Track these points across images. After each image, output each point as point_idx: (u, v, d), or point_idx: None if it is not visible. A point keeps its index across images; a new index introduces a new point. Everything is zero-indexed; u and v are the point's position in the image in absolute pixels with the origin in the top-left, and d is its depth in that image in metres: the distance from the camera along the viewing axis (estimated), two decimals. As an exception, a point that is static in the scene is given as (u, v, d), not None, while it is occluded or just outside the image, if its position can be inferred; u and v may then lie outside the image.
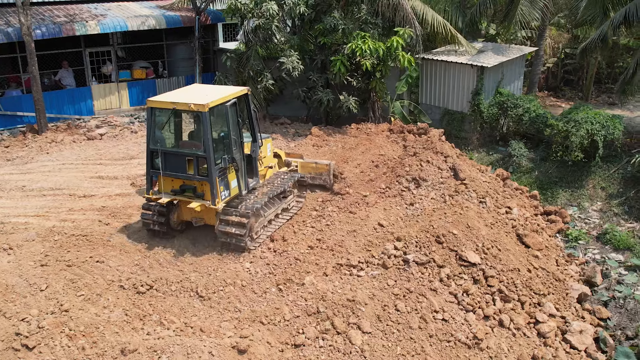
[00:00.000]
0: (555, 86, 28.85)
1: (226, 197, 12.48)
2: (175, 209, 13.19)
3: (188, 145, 12.56)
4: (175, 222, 13.31)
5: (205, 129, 11.61)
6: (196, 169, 12.07)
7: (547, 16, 23.35)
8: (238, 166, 12.63)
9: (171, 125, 12.70)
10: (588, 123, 17.72)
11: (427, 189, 15.30)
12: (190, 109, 11.73)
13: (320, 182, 15.96)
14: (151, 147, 12.34)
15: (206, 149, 11.72)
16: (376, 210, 14.28)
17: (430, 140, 18.08)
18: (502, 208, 15.52)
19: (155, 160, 12.41)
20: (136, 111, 24.88)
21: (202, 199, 12.24)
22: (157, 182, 12.59)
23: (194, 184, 12.29)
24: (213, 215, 12.63)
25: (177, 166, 12.25)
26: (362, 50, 19.04)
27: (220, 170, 12.14)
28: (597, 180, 18.19)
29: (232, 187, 12.65)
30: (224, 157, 12.16)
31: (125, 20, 23.42)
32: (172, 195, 12.57)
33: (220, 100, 12.12)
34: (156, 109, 12.25)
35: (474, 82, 21.03)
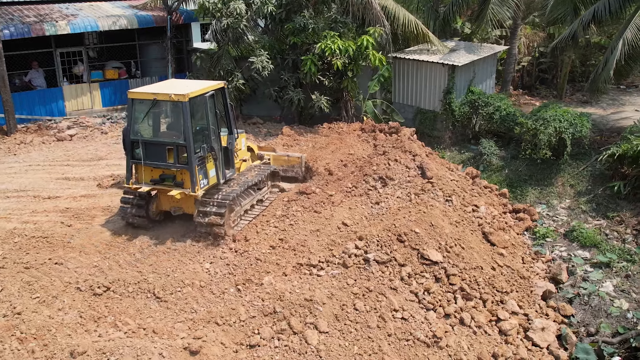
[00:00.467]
0: (530, 85, 28.98)
1: (205, 186, 12.88)
2: (154, 200, 13.54)
3: (168, 135, 12.96)
4: (154, 212, 13.65)
5: (185, 118, 12.06)
6: (176, 158, 12.44)
7: (518, 15, 23.42)
8: (216, 155, 13.02)
9: (151, 116, 12.96)
10: (556, 121, 17.79)
11: (393, 188, 15.26)
12: (171, 99, 12.14)
13: (293, 174, 16.55)
14: (132, 137, 12.67)
15: (186, 137, 12.13)
16: (341, 210, 14.22)
17: (400, 139, 18.05)
18: (469, 206, 15.51)
19: (135, 151, 12.73)
20: (109, 112, 24.68)
21: (181, 187, 12.66)
22: (137, 172, 12.94)
23: (174, 172, 12.70)
24: (192, 204, 13.02)
25: (157, 155, 12.61)
26: (332, 50, 18.99)
27: (200, 159, 12.53)
28: (566, 178, 18.26)
29: (211, 176, 13.07)
30: (203, 146, 12.56)
31: (97, 20, 23.23)
32: (151, 185, 12.91)
33: (200, 92, 12.58)
34: (137, 100, 12.62)
35: (445, 80, 21.06)
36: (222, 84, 13.66)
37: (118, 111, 24.85)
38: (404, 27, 21.63)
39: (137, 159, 12.76)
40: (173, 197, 12.66)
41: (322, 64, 20.81)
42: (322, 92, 20.97)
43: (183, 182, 12.65)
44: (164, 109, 13.23)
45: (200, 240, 12.95)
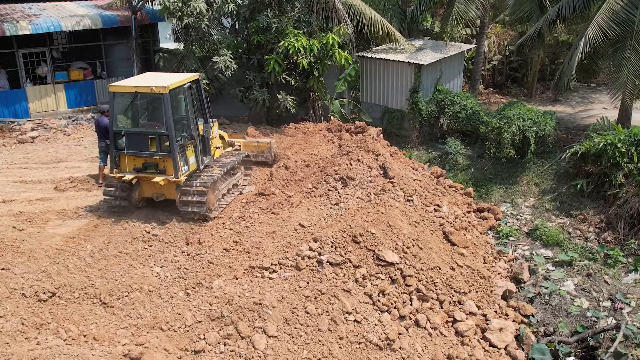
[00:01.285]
0: (501, 83, 28.96)
1: (186, 172, 13.76)
2: (136, 187, 14.25)
3: (150, 125, 13.66)
4: (137, 199, 14.35)
5: (166, 109, 12.87)
6: (159, 146, 13.23)
7: (485, 14, 23.36)
8: (196, 143, 13.93)
9: (132, 108, 13.58)
10: (520, 119, 17.72)
11: (354, 188, 15.10)
12: (152, 92, 12.90)
13: (262, 159, 17.60)
14: (114, 129, 13.45)
15: (168, 127, 12.97)
16: (299, 211, 14.03)
17: (365, 139, 17.89)
18: (430, 206, 15.39)
19: (118, 141, 13.46)
20: (74, 113, 24.25)
21: (164, 174, 13.48)
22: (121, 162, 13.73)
23: (156, 160, 13.48)
24: (173, 189, 13.86)
25: (140, 145, 13.37)
26: (296, 49, 18.79)
27: (181, 147, 13.36)
28: (530, 176, 18.20)
29: (191, 162, 13.95)
30: (183, 135, 13.42)
31: (60, 21, 22.83)
32: (134, 173, 13.65)
33: (178, 83, 13.40)
34: (118, 93, 13.47)
35: (411, 80, 20.95)
36: (197, 76, 14.46)
37: (84, 112, 24.44)
38: (369, 27, 21.46)
39: (120, 149, 13.48)
40: (155, 184, 13.54)
41: (288, 63, 20.61)
42: (288, 92, 20.77)
43: (165, 169, 13.45)
44: (145, 101, 13.61)
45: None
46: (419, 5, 23.45)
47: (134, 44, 23.15)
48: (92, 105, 24.67)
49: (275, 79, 19.99)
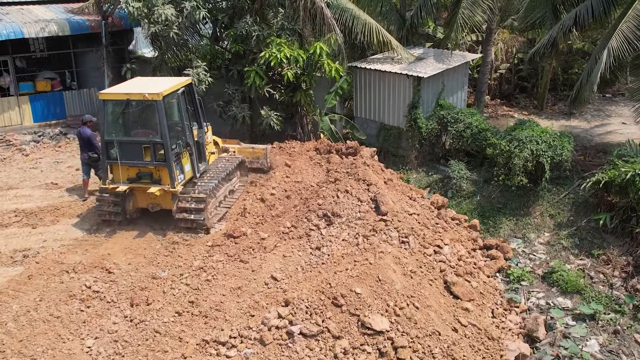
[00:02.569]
0: (508, 94, 26.69)
1: (182, 180, 13.30)
2: (130, 198, 13.62)
3: (143, 133, 13.13)
4: (131, 210, 13.74)
5: (160, 116, 12.38)
6: (153, 155, 12.76)
7: (493, 19, 21.11)
8: (192, 150, 13.49)
9: (124, 115, 13.05)
10: (533, 142, 15.47)
11: (339, 228, 12.90)
12: (145, 99, 12.36)
13: (258, 165, 16.38)
14: (106, 138, 12.89)
15: (162, 135, 12.48)
16: (273, 258, 11.83)
17: (355, 163, 15.67)
18: (429, 247, 13.18)
19: (110, 151, 12.93)
20: (41, 128, 22.10)
21: (159, 184, 12.97)
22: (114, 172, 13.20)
23: (150, 170, 12.97)
24: (169, 199, 13.28)
25: (133, 154, 12.86)
26: (278, 60, 16.57)
27: (176, 155, 12.90)
28: (545, 206, 15.97)
29: (187, 170, 13.52)
30: (178, 142, 13.00)
31: (22, 27, 20.65)
32: (128, 183, 13.10)
33: (172, 89, 12.90)
34: (109, 101, 12.89)
35: (410, 93, 18.70)
36: (190, 80, 14.04)
37: (51, 127, 22.28)
38: (363, 34, 19.23)
39: (112, 159, 12.94)
40: (150, 194, 12.98)
41: (272, 74, 18.39)
42: (273, 106, 18.57)
43: (161, 179, 13.00)
44: (137, 108, 12.98)
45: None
46: (419, 9, 21.19)
47: (104, 52, 20.92)
48: (61, 119, 22.51)
49: (257, 92, 17.77)
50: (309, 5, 16.89)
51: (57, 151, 19.39)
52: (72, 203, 14.98)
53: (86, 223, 13.93)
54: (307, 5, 16.86)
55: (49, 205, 14.79)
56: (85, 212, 14.53)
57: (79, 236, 13.26)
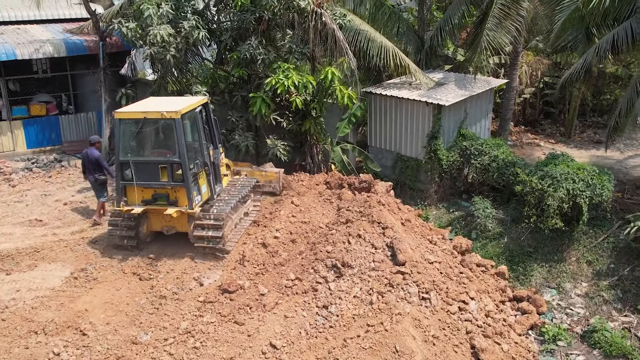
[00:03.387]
0: (533, 119, 25.01)
1: (199, 202, 12.74)
2: (144, 220, 13.09)
3: (159, 153, 12.70)
4: (145, 233, 13.20)
5: (178, 135, 11.95)
6: (170, 176, 12.23)
7: (519, 42, 19.54)
8: (209, 170, 13.07)
9: (140, 135, 12.61)
10: (569, 181, 13.81)
11: (350, 281, 11.28)
12: (163, 117, 11.94)
13: (270, 189, 16.01)
14: (121, 158, 12.35)
15: (180, 154, 12.03)
16: (273, 319, 10.23)
17: (369, 202, 14.09)
18: (454, 304, 11.51)
19: (125, 172, 12.39)
20: (35, 154, 20.76)
21: (176, 205, 12.41)
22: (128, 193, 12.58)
23: (167, 191, 12.45)
24: (185, 222, 12.79)
25: (149, 175, 12.32)
26: (285, 87, 15.09)
27: (194, 175, 12.42)
28: (581, 251, 14.27)
29: (203, 191, 13.01)
30: (196, 162, 12.56)
31: (14, 48, 19.37)
32: (143, 205, 12.51)
33: (190, 108, 12.53)
34: (124, 120, 12.36)
35: (430, 122, 17.11)
36: (206, 99, 13.72)
37: (46, 153, 20.93)
38: (379, 57, 17.74)
39: (127, 180, 12.40)
40: (165, 216, 12.59)
41: (279, 101, 16.91)
42: (280, 135, 17.08)
43: (177, 200, 12.45)
44: (154, 127, 12.60)
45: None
46: (439, 30, 19.67)
47: (102, 74, 19.57)
48: (57, 145, 21.17)
49: (263, 121, 16.29)
50: (320, 27, 15.43)
51: (46, 182, 17.99)
52: (54, 244, 13.50)
53: (67, 269, 12.44)
54: (318, 27, 15.40)
55: (28, 247, 13.32)
56: (68, 255, 13.04)
57: (57, 285, 11.75)
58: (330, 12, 15.99)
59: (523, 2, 17.80)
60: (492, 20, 17.50)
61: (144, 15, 14.28)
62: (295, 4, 15.04)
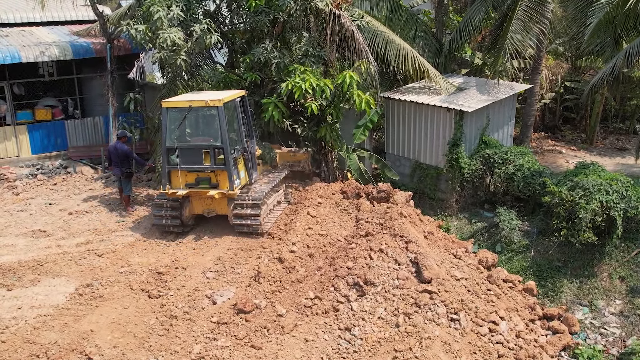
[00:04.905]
0: (553, 125, 24.27)
1: (239, 185, 13.53)
2: (187, 204, 13.73)
3: (203, 139, 13.49)
4: (187, 216, 13.80)
5: (221, 121, 12.81)
6: (213, 160, 13.07)
7: (543, 44, 18.79)
8: (248, 156, 13.82)
9: (186, 122, 13.43)
10: (602, 192, 13.05)
11: (374, 300, 10.55)
12: (207, 105, 12.84)
13: (299, 168, 16.46)
14: (167, 144, 13.19)
15: (223, 140, 12.89)
16: (293, 343, 9.50)
17: (390, 213, 13.36)
18: (484, 325, 10.76)
19: (171, 157, 13.24)
20: (40, 160, 20.15)
21: (217, 188, 13.18)
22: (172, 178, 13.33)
23: (209, 175, 13.26)
24: (225, 205, 13.50)
25: (193, 159, 13.18)
26: (302, 91, 14.38)
27: (234, 160, 13.18)
28: (613, 266, 13.50)
29: (242, 176, 13.79)
30: (236, 148, 13.38)
31: (19, 50, 18.76)
32: (187, 189, 13.28)
33: (231, 97, 13.42)
34: (171, 109, 13.20)
35: (451, 129, 16.37)
36: (244, 92, 14.37)
37: (51, 159, 20.31)
38: (397, 61, 17.02)
39: (173, 165, 13.22)
40: (206, 199, 13.45)
41: (294, 106, 16.21)
42: (295, 141, 16.35)
43: (219, 183, 13.21)
44: (199, 115, 13.58)
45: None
46: (458, 34, 18.93)
47: (109, 78, 18.91)
48: (62, 150, 20.55)
49: (276, 127, 15.59)
50: (338, 28, 14.71)
51: (51, 190, 17.30)
52: (58, 257, 12.82)
53: (71, 284, 11.73)
54: (336, 29, 14.68)
55: (31, 260, 12.64)
56: (72, 269, 12.35)
57: (61, 303, 11.03)
58: (348, 14, 15.26)
59: (548, 4, 17.04)
60: (516, 22, 16.77)
61: (154, 18, 13.60)
62: (312, 4, 14.31)
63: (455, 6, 25.20)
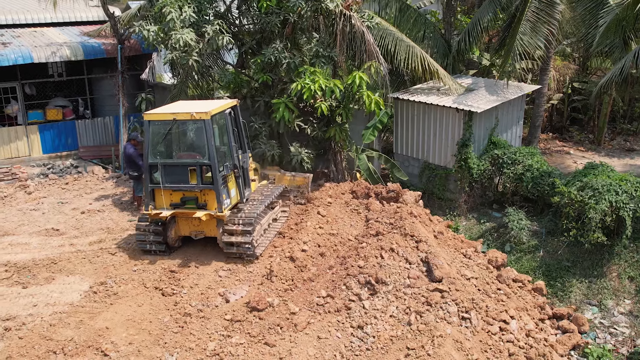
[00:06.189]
0: (560, 126, 24.30)
1: (229, 205, 12.48)
2: (173, 225, 12.74)
3: (188, 156, 12.33)
4: (173, 238, 12.84)
5: (208, 136, 11.74)
6: (199, 178, 11.98)
7: (552, 45, 18.85)
8: (239, 173, 12.71)
9: (169, 137, 12.31)
10: (611, 192, 13.13)
11: (385, 298, 10.65)
12: (192, 118, 11.76)
13: (298, 194, 15.57)
14: (150, 161, 12.11)
15: (210, 156, 11.81)
16: (306, 340, 9.61)
17: (400, 213, 13.47)
18: (494, 324, 10.84)
19: (154, 175, 12.16)
20: (51, 159, 20.34)
21: (205, 209, 12.17)
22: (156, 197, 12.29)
23: (196, 194, 12.21)
24: (214, 226, 12.52)
25: (178, 178, 12.09)
26: (312, 92, 14.49)
27: (223, 178, 12.11)
28: (622, 266, 13.56)
29: (232, 195, 12.68)
30: (225, 165, 12.23)
31: (31, 51, 18.93)
32: (172, 209, 12.25)
33: (220, 109, 12.31)
34: (154, 121, 12.16)
35: (459, 130, 16.46)
36: (235, 102, 13.33)
37: (62, 158, 20.50)
38: (406, 61, 17.12)
39: (155, 183, 12.12)
40: (193, 220, 12.45)
41: (303, 107, 16.33)
42: (304, 142, 16.48)
43: (206, 204, 12.19)
44: (184, 129, 12.44)
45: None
46: (467, 34, 19.02)
47: (120, 78, 19.08)
48: (73, 150, 20.73)
49: (286, 127, 15.70)
50: (348, 29, 14.81)
51: (63, 189, 17.47)
52: (72, 255, 12.96)
53: (85, 282, 11.87)
54: (346, 30, 14.79)
55: (45, 258, 12.78)
56: (86, 267, 12.49)
57: (75, 300, 11.17)
58: (358, 15, 15.37)
59: (557, 5, 17.11)
60: (525, 23, 16.84)
61: (167, 19, 13.73)
62: (323, 5, 14.42)
63: (463, 7, 25.28)
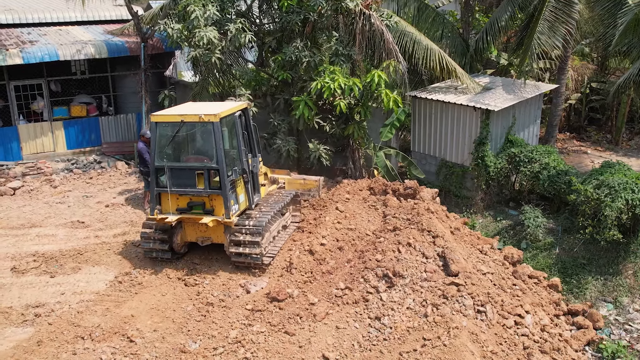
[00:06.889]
0: (578, 126, 24.34)
1: (237, 211, 12.11)
2: (179, 230, 12.39)
3: (196, 159, 12.15)
4: (179, 244, 12.49)
5: (216, 139, 11.42)
6: (207, 183, 11.65)
7: (569, 45, 18.94)
8: (248, 178, 12.36)
9: (176, 140, 12.01)
10: (628, 191, 13.22)
11: (402, 291, 10.89)
12: (201, 120, 11.46)
13: (310, 197, 15.35)
14: (156, 164, 11.82)
15: (218, 160, 11.48)
16: (325, 330, 9.88)
17: (417, 209, 13.68)
18: (509, 318, 11.02)
19: (160, 178, 11.88)
20: (75, 155, 20.81)
21: (212, 214, 11.84)
22: (162, 201, 12.02)
23: (203, 199, 11.86)
24: (221, 232, 12.18)
25: (185, 182, 11.80)
26: (332, 90, 14.75)
27: (231, 183, 11.80)
28: (638, 264, 13.65)
29: (241, 200, 12.33)
30: (234, 169, 11.89)
31: (57, 49, 19.39)
32: (178, 214, 11.93)
33: (229, 111, 12.03)
34: (161, 123, 11.85)
35: (477, 128, 16.63)
36: (246, 105, 13.11)
37: (86, 154, 20.96)
38: (424, 60, 17.32)
39: (162, 187, 11.85)
40: (200, 227, 12.08)
41: (322, 104, 16.61)
42: (322, 139, 16.74)
43: (214, 209, 11.83)
44: (192, 132, 12.01)
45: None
46: (485, 34, 19.18)
47: (143, 76, 19.49)
48: (96, 146, 21.18)
49: (305, 125, 15.98)
50: (367, 28, 15.07)
51: (87, 183, 17.92)
52: (97, 246, 13.36)
53: (111, 272, 12.25)
54: (365, 29, 15.04)
55: (71, 249, 13.19)
56: (111, 258, 12.87)
57: (101, 289, 11.56)
58: (377, 14, 15.61)
59: (575, 4, 17.22)
60: (543, 23, 16.96)
61: (191, 17, 14.08)
62: (343, 5, 14.69)
63: (481, 6, 25.40)
